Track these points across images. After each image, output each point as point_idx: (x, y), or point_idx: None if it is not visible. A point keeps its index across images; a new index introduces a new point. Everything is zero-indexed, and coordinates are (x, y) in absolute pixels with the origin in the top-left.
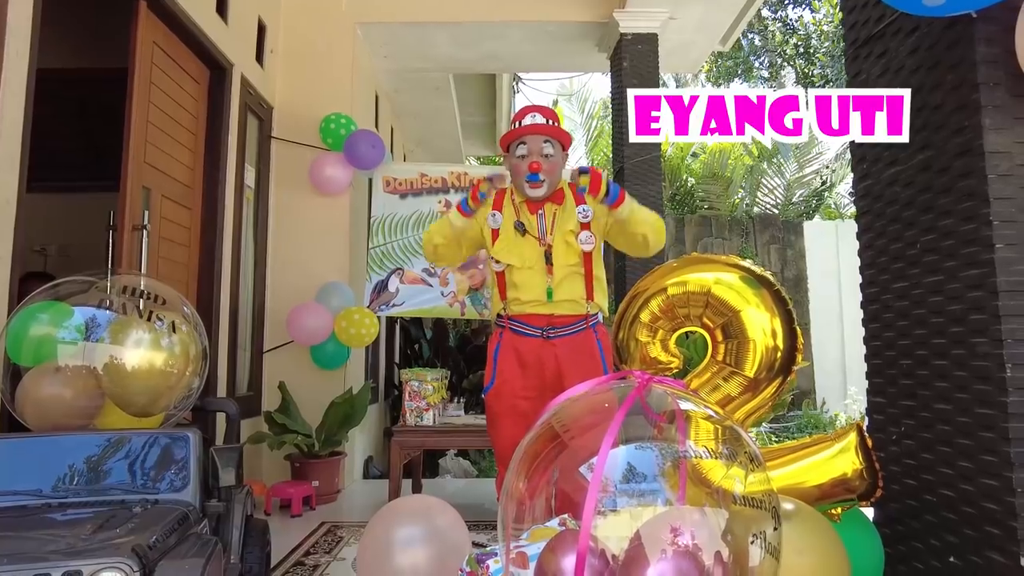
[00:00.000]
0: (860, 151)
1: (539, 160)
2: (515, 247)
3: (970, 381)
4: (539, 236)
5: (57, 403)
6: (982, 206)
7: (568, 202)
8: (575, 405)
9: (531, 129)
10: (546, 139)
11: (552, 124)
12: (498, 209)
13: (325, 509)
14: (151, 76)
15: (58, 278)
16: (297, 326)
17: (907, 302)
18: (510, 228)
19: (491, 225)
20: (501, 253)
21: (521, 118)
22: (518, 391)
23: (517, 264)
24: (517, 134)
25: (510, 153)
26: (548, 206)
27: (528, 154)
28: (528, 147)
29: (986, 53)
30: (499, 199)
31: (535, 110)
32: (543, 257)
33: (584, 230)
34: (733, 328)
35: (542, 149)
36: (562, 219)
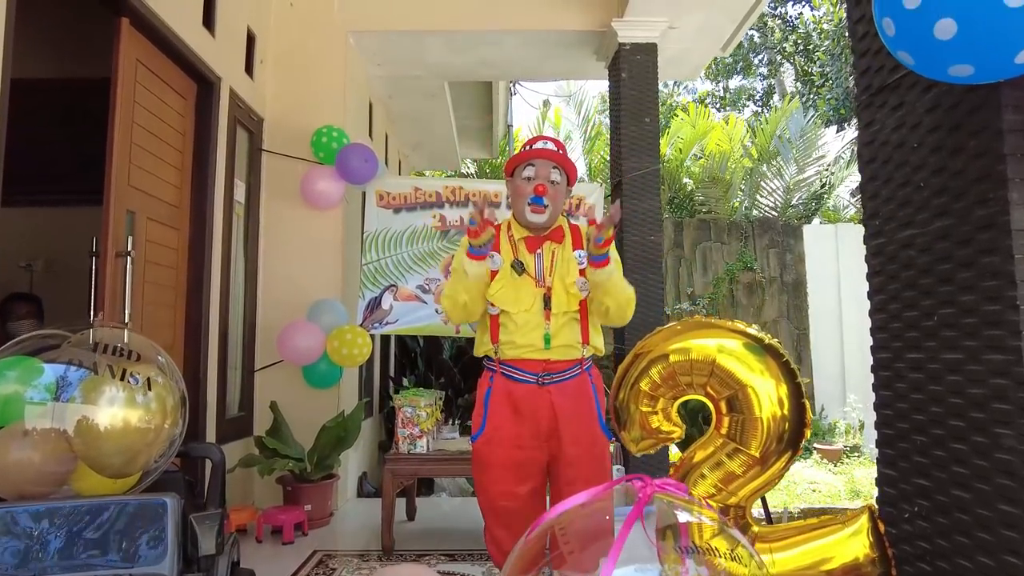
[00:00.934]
0: (872, 205)
1: (546, 184)
2: (512, 290)
3: (993, 473)
4: (537, 277)
5: (25, 469)
6: (1008, 288)
7: (567, 242)
8: (576, 514)
9: (541, 153)
10: (555, 166)
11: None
12: (496, 249)
13: (318, 534)
14: (135, 95)
15: (43, 297)
16: (288, 346)
17: (922, 375)
18: (507, 269)
19: (490, 267)
20: (498, 298)
21: (532, 143)
22: (511, 439)
23: (514, 311)
24: (526, 156)
25: (514, 176)
26: (547, 245)
27: (535, 176)
28: (536, 170)
29: (1013, 121)
30: (495, 238)
31: (546, 138)
32: (541, 300)
33: (581, 276)
34: (739, 403)
35: (550, 175)
36: (561, 260)
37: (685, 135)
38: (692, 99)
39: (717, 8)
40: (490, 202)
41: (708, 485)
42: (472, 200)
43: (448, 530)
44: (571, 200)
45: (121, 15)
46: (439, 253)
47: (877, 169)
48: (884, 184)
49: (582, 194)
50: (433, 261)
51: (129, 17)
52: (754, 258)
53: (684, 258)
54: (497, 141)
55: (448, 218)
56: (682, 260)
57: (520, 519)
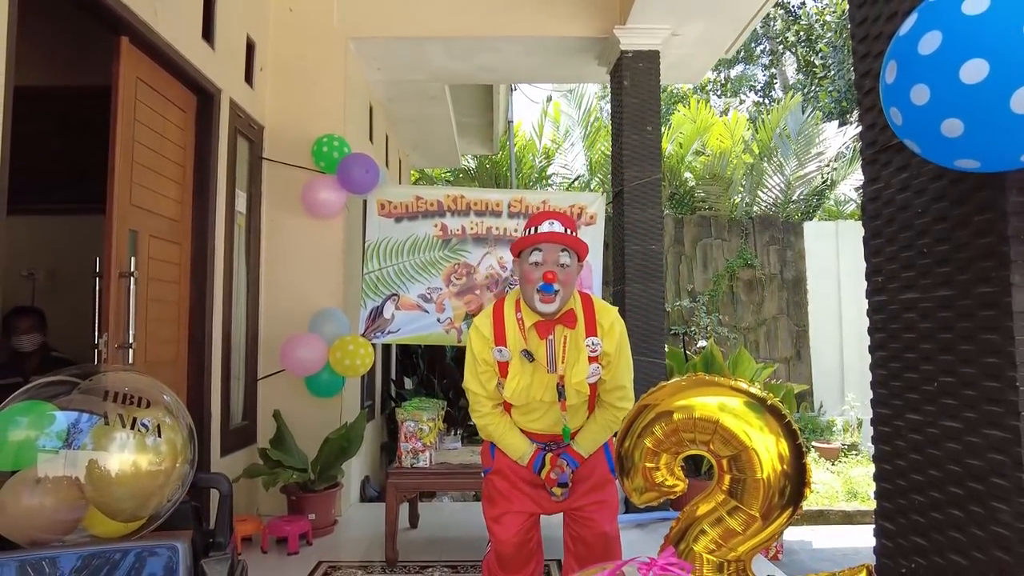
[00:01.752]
0: (876, 262)
1: (555, 270)
2: (524, 384)
3: (989, 545)
4: (548, 365)
5: (37, 515)
6: (1008, 368)
7: (579, 328)
8: None
9: (548, 237)
10: (563, 248)
11: (570, 233)
12: (502, 343)
13: (322, 543)
14: (135, 113)
15: (45, 307)
16: (290, 358)
17: (921, 437)
18: (518, 359)
19: (498, 359)
20: (515, 397)
21: (538, 224)
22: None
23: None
24: (531, 241)
25: (521, 259)
26: (558, 330)
27: (543, 262)
28: (543, 255)
29: (1018, 203)
30: (499, 326)
31: (553, 217)
32: (555, 390)
33: (593, 363)
34: (741, 463)
35: (558, 259)
36: (572, 348)
37: (686, 130)
38: (692, 88)
39: (720, 16)
40: (492, 211)
41: (708, 541)
42: (473, 209)
43: (450, 538)
44: (573, 208)
45: (120, 34)
46: (440, 262)
47: (881, 227)
48: (888, 243)
49: (583, 203)
50: (435, 270)
51: (128, 36)
52: (754, 255)
53: (684, 255)
54: (497, 137)
55: (449, 227)
56: (682, 257)
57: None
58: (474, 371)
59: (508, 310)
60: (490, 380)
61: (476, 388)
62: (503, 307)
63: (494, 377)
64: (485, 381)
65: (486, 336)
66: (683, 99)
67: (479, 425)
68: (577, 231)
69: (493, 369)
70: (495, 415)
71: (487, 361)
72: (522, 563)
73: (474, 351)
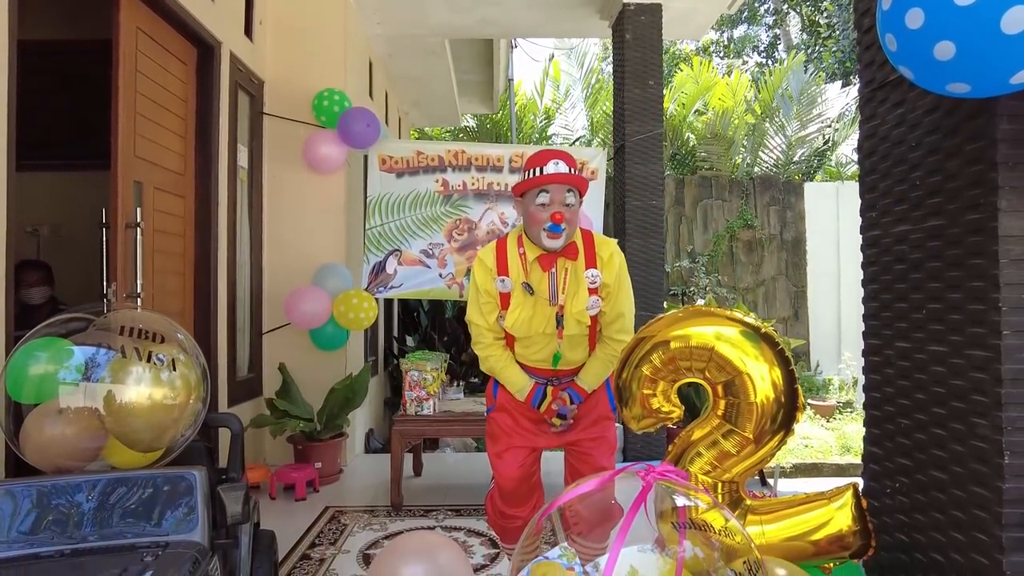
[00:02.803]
0: (870, 198)
1: (562, 210)
2: (525, 315)
3: (968, 458)
4: (549, 297)
5: (60, 444)
6: (992, 290)
7: (580, 261)
8: (583, 500)
9: (554, 178)
10: (569, 188)
11: (573, 172)
12: (504, 273)
13: (329, 490)
14: (136, 64)
15: (53, 263)
16: (295, 311)
17: (908, 363)
18: (520, 291)
19: (500, 290)
20: (516, 328)
21: (543, 164)
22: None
23: (527, 335)
24: (538, 182)
25: (526, 199)
26: (560, 262)
27: (550, 203)
28: (551, 196)
29: (1007, 130)
30: (502, 259)
31: (558, 156)
32: (554, 320)
33: (592, 295)
34: (735, 388)
35: (564, 199)
36: (573, 280)
37: (688, 90)
38: (695, 49)
39: None
40: (493, 166)
41: (704, 463)
42: (475, 164)
43: (453, 485)
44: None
45: None
46: (442, 218)
47: (876, 163)
48: (882, 178)
49: (585, 158)
50: (436, 226)
51: None
52: (755, 215)
53: (685, 216)
54: (498, 95)
55: (451, 182)
56: (683, 218)
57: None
58: (476, 303)
59: (511, 244)
60: (491, 312)
61: (478, 320)
62: (506, 242)
63: (495, 309)
64: (487, 313)
65: (489, 267)
66: (686, 60)
67: (480, 357)
68: (578, 169)
69: (495, 301)
70: (496, 347)
71: (489, 292)
72: (523, 498)
73: (477, 282)
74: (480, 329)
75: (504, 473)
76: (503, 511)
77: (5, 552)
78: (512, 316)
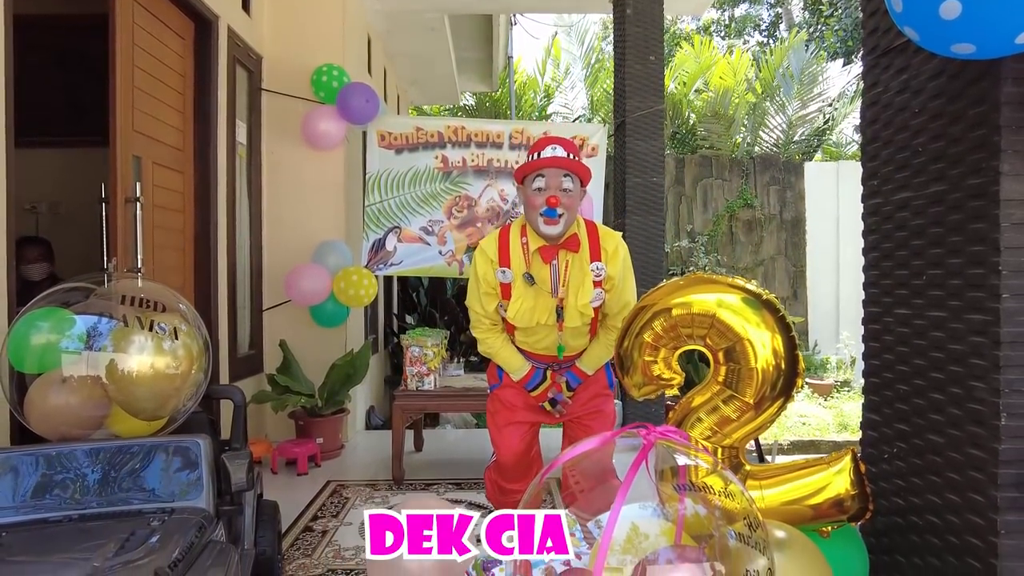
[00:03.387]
0: (872, 166)
1: (558, 195)
2: (527, 306)
3: (965, 421)
4: (551, 289)
5: (65, 412)
6: (992, 254)
7: (583, 252)
8: (585, 459)
9: (551, 162)
10: (566, 173)
11: (573, 158)
12: (506, 264)
13: (330, 465)
14: (134, 38)
15: (52, 240)
16: (295, 288)
17: (908, 330)
18: (521, 281)
19: (501, 280)
20: (517, 319)
21: (540, 149)
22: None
23: (528, 325)
24: (535, 166)
25: (525, 185)
26: (562, 254)
27: (546, 188)
28: (546, 180)
29: (1012, 93)
30: (504, 249)
31: (556, 142)
32: (555, 313)
33: (597, 287)
34: (736, 354)
35: (561, 183)
36: (575, 272)
37: (689, 68)
38: (696, 27)
39: None
40: (492, 143)
41: (704, 428)
42: (474, 141)
43: (454, 460)
44: (574, 139)
45: None
46: (441, 194)
47: (879, 131)
48: (884, 146)
49: (585, 134)
50: (436, 203)
51: None
52: (754, 195)
53: (685, 195)
54: (497, 73)
55: (450, 159)
56: (683, 197)
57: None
58: (476, 292)
59: (514, 234)
60: (490, 302)
61: (477, 308)
62: (509, 232)
63: (495, 299)
64: (486, 303)
65: (491, 257)
66: (687, 38)
67: (479, 339)
68: (580, 156)
69: (495, 291)
70: (494, 332)
71: (489, 282)
72: (523, 472)
73: (478, 272)
74: (479, 316)
75: (505, 447)
76: (502, 486)
77: (14, 517)
78: (514, 307)
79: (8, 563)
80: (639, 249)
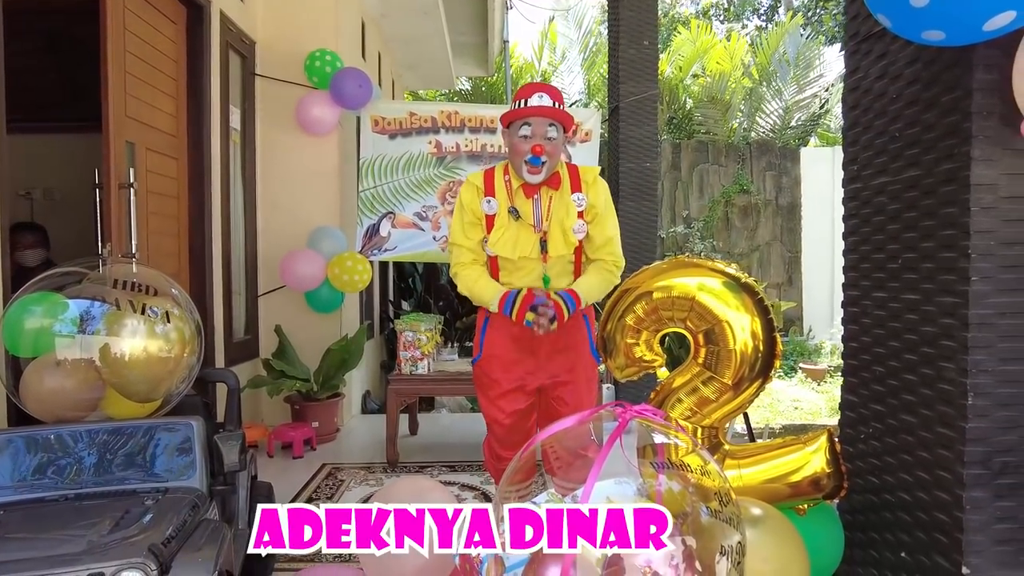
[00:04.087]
0: (852, 151)
1: (542, 143)
2: (510, 236)
3: (935, 401)
4: (534, 223)
5: (60, 395)
6: (962, 237)
7: (564, 187)
8: (564, 435)
9: (537, 111)
10: (551, 122)
11: (558, 106)
12: (491, 194)
13: (325, 449)
14: (126, 23)
15: (46, 226)
16: (290, 273)
17: (884, 312)
18: (505, 214)
19: (486, 211)
20: (498, 247)
21: (527, 96)
22: (509, 359)
23: (512, 256)
24: (522, 114)
25: (510, 130)
26: (544, 190)
27: (532, 136)
28: (532, 128)
29: (983, 80)
30: (490, 182)
31: (542, 89)
32: (538, 245)
33: (578, 219)
34: (715, 336)
35: (546, 132)
36: (558, 205)
37: (686, 53)
38: (694, 11)
39: None
40: (486, 128)
41: (684, 408)
42: (468, 126)
43: (448, 443)
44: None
45: None
46: (435, 180)
47: (859, 116)
48: (864, 131)
49: (580, 119)
50: (430, 188)
51: None
52: (750, 181)
53: (681, 181)
54: (493, 58)
55: (444, 144)
56: (679, 183)
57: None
58: (460, 222)
59: (498, 173)
60: (475, 232)
61: (460, 240)
62: (494, 170)
63: (480, 231)
64: (469, 232)
65: (478, 186)
66: (684, 22)
67: (457, 276)
68: (564, 103)
69: (480, 222)
70: (473, 266)
71: (475, 212)
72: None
73: (463, 201)
74: (461, 249)
75: (497, 417)
76: (500, 454)
77: (11, 496)
78: (495, 236)
79: (7, 539)
80: (632, 235)
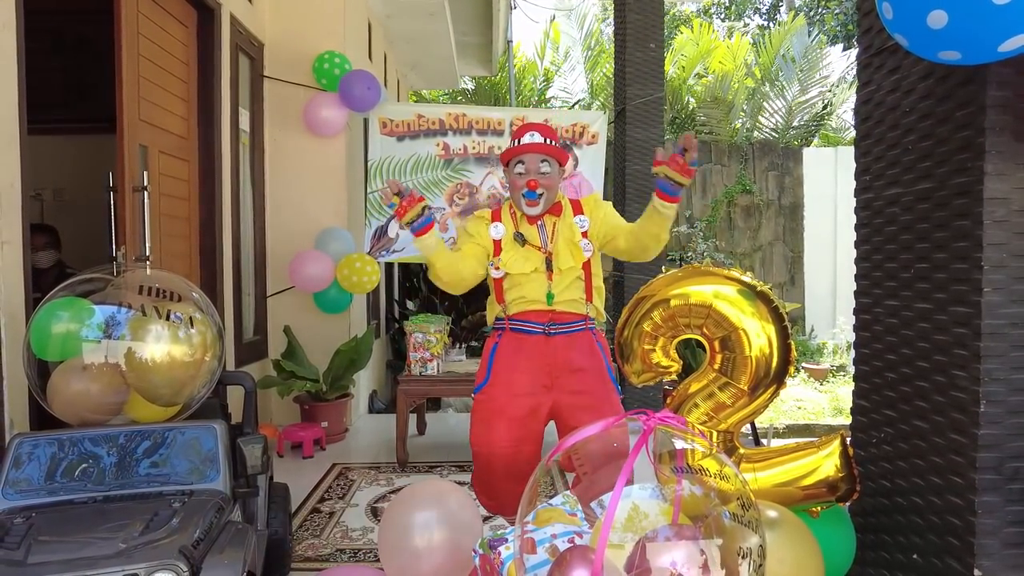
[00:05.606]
0: (865, 162)
1: (536, 178)
2: (519, 255)
3: (947, 408)
4: (540, 245)
5: (85, 399)
6: (975, 250)
7: (567, 212)
8: (589, 443)
9: (529, 148)
10: (543, 158)
11: (550, 143)
12: (498, 220)
13: (335, 449)
14: (139, 27)
15: (58, 228)
16: (299, 274)
17: (896, 320)
18: (511, 238)
19: (493, 236)
20: (508, 264)
21: (520, 136)
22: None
23: (523, 270)
24: (515, 152)
25: (509, 168)
26: (547, 218)
27: (526, 172)
28: (526, 166)
29: (997, 97)
30: (497, 214)
31: (534, 128)
32: (544, 264)
33: (583, 238)
34: (732, 343)
35: (539, 168)
36: (563, 227)
37: (688, 53)
38: (696, 10)
39: None
40: (493, 130)
41: (700, 413)
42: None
43: (456, 443)
44: (575, 127)
45: None
46: (443, 182)
47: (871, 128)
48: (876, 143)
49: (586, 122)
50: (437, 190)
51: None
52: (753, 181)
53: None
54: (496, 58)
55: (451, 146)
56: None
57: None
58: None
59: (504, 207)
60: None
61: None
62: (500, 207)
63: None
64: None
65: (484, 218)
66: (686, 22)
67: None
68: (557, 139)
69: (483, 247)
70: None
71: (481, 234)
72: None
73: (470, 230)
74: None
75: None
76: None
77: (41, 499)
78: (504, 256)
79: (41, 542)
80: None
